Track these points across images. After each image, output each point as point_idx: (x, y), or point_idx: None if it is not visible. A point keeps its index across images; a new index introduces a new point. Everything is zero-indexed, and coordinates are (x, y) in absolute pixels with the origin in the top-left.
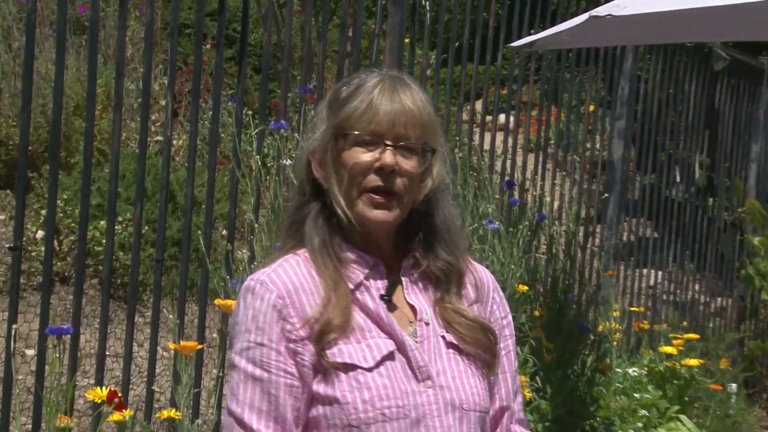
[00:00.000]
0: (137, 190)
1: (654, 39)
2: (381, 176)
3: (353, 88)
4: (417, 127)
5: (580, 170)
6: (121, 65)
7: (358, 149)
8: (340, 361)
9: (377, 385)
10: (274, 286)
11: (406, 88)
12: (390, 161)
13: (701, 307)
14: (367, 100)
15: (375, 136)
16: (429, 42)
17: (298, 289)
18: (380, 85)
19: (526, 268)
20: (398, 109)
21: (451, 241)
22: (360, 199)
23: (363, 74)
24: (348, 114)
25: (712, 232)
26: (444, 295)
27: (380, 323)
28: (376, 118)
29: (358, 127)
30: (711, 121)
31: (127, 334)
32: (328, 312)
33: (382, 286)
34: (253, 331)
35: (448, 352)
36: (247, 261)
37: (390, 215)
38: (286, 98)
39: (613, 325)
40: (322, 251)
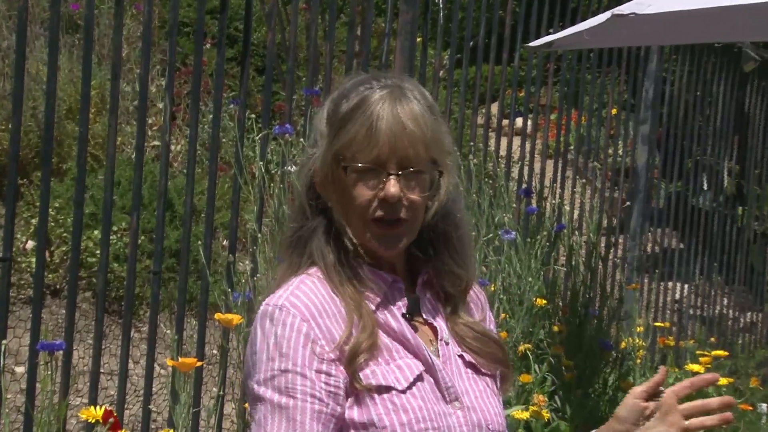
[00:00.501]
0: (134, 198)
1: (680, 38)
2: (385, 208)
3: (353, 104)
4: (421, 147)
5: (602, 177)
6: (117, 66)
7: (361, 180)
8: (374, 383)
9: (413, 407)
10: (295, 310)
11: (405, 103)
12: (394, 192)
13: (730, 322)
14: (366, 124)
15: (377, 164)
16: (442, 42)
17: (321, 312)
18: (380, 104)
19: (545, 280)
20: (399, 130)
21: (462, 252)
22: (366, 230)
23: (362, 86)
24: (348, 141)
25: (742, 243)
26: (454, 310)
27: (406, 344)
28: (377, 145)
29: (359, 156)
30: (740, 125)
31: (122, 351)
32: (355, 333)
33: (402, 304)
34: (276, 358)
35: (467, 372)
36: (250, 273)
37: (398, 246)
38: (291, 101)
39: (636, 342)
40: (338, 270)
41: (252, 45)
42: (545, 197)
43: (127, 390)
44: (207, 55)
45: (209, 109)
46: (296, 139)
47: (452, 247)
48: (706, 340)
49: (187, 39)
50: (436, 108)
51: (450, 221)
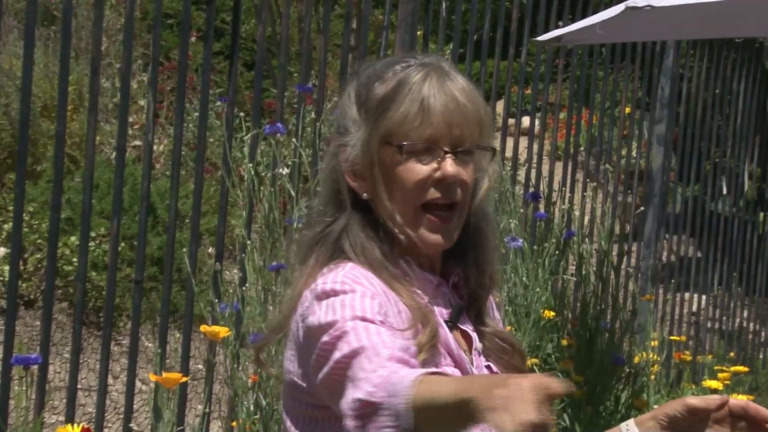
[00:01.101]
0: (114, 202)
1: (698, 33)
2: (441, 188)
3: (394, 84)
4: (475, 126)
5: (614, 181)
6: (97, 60)
7: (414, 161)
8: None
9: None
10: (360, 285)
11: (454, 79)
12: (453, 171)
13: (750, 336)
14: (418, 100)
15: (431, 142)
16: (444, 35)
17: (384, 296)
18: (428, 81)
19: (553, 291)
20: (454, 107)
21: (492, 246)
22: (420, 219)
23: (397, 65)
24: (399, 119)
25: (763, 251)
26: (479, 314)
27: (449, 352)
28: (432, 122)
29: (412, 134)
30: (762, 125)
31: (101, 365)
32: (422, 331)
33: (445, 309)
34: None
35: None
36: (238, 283)
37: (450, 238)
38: (283, 98)
39: (650, 356)
40: (386, 266)
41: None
42: (554, 202)
43: (107, 407)
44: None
45: (195, 107)
46: (287, 139)
47: (485, 242)
48: (725, 355)
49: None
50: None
51: (482, 214)
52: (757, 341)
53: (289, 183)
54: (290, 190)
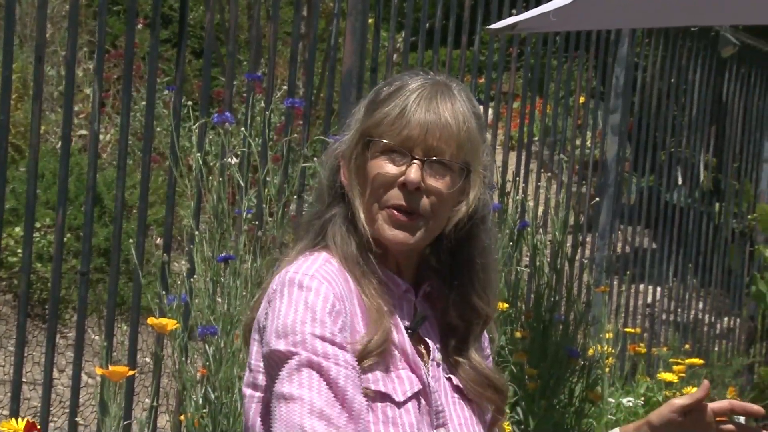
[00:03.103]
0: (59, 192)
1: (654, 21)
2: (404, 194)
3: (392, 90)
4: (453, 143)
5: (569, 171)
6: (41, 47)
7: (385, 160)
8: (374, 388)
9: (404, 423)
10: (328, 284)
11: (448, 98)
12: (414, 177)
13: (705, 328)
14: (400, 106)
15: (404, 147)
16: (396, 23)
17: (347, 297)
18: (419, 91)
19: (507, 283)
20: (433, 120)
21: (485, 282)
22: (380, 214)
23: (408, 76)
24: (378, 119)
25: (719, 243)
26: (460, 345)
27: (405, 357)
28: (408, 127)
29: (387, 134)
30: (718, 115)
31: (46, 358)
32: (371, 335)
33: (408, 316)
34: (308, 322)
35: (454, 396)
36: (186, 274)
37: (411, 238)
38: (232, 87)
39: (605, 349)
40: (359, 263)
41: (189, 26)
42: (507, 192)
43: (52, 401)
44: (139, 37)
45: (142, 96)
46: (236, 129)
47: (475, 275)
48: (680, 347)
49: (118, 18)
50: (483, 120)
51: (476, 244)
52: (713, 333)
53: (238, 173)
54: (239, 180)
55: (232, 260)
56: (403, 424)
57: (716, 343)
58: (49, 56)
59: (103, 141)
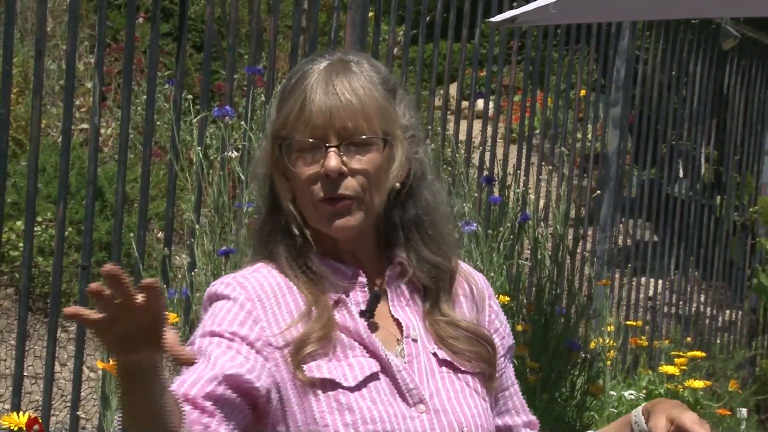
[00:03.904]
0: (60, 186)
1: (654, 14)
2: (327, 184)
3: (293, 83)
4: (360, 119)
5: (570, 164)
6: (42, 41)
7: (302, 158)
8: (318, 376)
9: (360, 407)
10: (242, 289)
11: (344, 76)
12: (333, 165)
13: (707, 320)
14: (300, 99)
15: (314, 138)
16: (396, 16)
17: (271, 298)
18: (315, 77)
19: (508, 276)
20: (334, 103)
21: (436, 236)
22: (316, 212)
23: (308, 64)
24: (283, 119)
25: (720, 235)
26: (434, 305)
27: (362, 342)
28: (311, 119)
29: (295, 131)
30: (719, 107)
31: (48, 352)
32: (308, 324)
33: (363, 300)
34: (208, 324)
35: (441, 371)
36: (187, 268)
37: (350, 221)
38: (232, 80)
39: (606, 342)
40: (296, 264)
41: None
42: (508, 185)
43: (54, 395)
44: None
45: (143, 89)
46: (237, 122)
47: (424, 232)
48: (682, 340)
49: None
50: (394, 81)
51: (419, 203)
52: (714, 326)
53: (238, 167)
54: (240, 173)
55: (233, 254)
56: (359, 408)
57: (718, 336)
58: (50, 50)
59: (104, 135)
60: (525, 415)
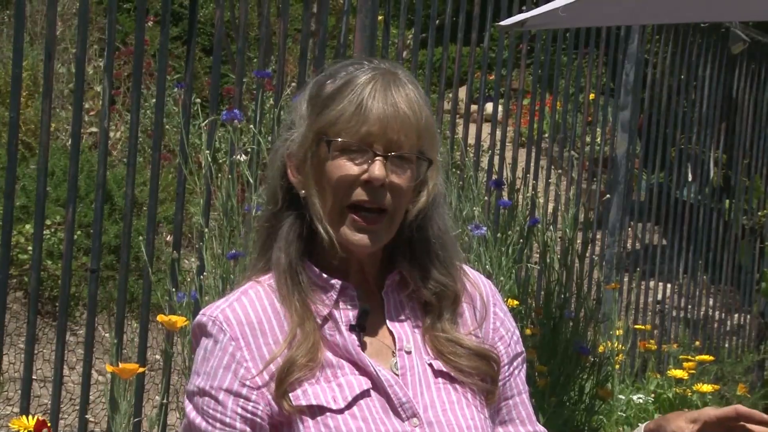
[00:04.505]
0: (69, 190)
1: (663, 17)
2: (368, 191)
3: (340, 84)
4: (413, 134)
5: (579, 168)
6: (51, 45)
7: (344, 159)
8: (305, 404)
9: (350, 429)
10: (228, 326)
11: (401, 86)
12: (379, 174)
13: (716, 324)
14: (356, 101)
15: (364, 143)
16: (405, 20)
17: (256, 330)
18: (372, 83)
19: (517, 279)
20: (392, 112)
21: (445, 259)
22: (344, 218)
23: (351, 66)
24: (334, 117)
25: (729, 239)
26: (436, 322)
27: (351, 360)
28: (367, 123)
29: (345, 132)
30: (728, 111)
31: (56, 356)
32: (292, 350)
33: (353, 314)
34: (200, 374)
35: (437, 382)
36: (196, 271)
37: (376, 240)
38: (241, 84)
39: (615, 346)
40: (288, 277)
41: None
42: (518, 189)
43: (62, 398)
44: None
45: (152, 93)
46: (246, 126)
47: (433, 252)
48: (690, 344)
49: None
50: (429, 103)
51: (433, 222)
52: (723, 330)
53: (247, 170)
54: (248, 177)
55: (242, 257)
56: (349, 430)
57: (726, 340)
58: (59, 54)
59: (113, 138)
60: (531, 425)
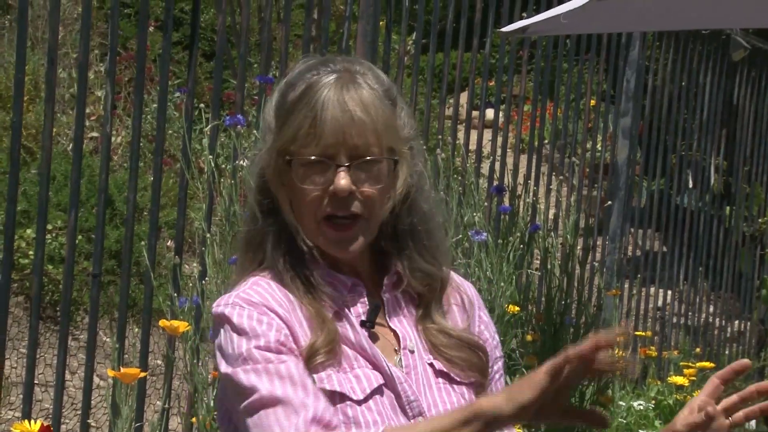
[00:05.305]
0: (71, 194)
1: (664, 24)
2: (336, 202)
3: (299, 93)
4: (371, 136)
5: (579, 174)
6: (54, 50)
7: (309, 174)
8: (329, 388)
9: (367, 421)
10: (250, 306)
11: (355, 88)
12: (344, 185)
13: (716, 331)
14: (310, 115)
15: (325, 156)
16: (407, 26)
17: (277, 309)
18: (326, 91)
19: (518, 286)
20: (347, 120)
21: (431, 245)
22: (319, 232)
23: (308, 73)
24: (292, 134)
25: (729, 246)
26: (426, 312)
27: (364, 354)
28: (324, 136)
29: (305, 150)
30: (729, 118)
31: (58, 360)
32: (314, 335)
33: (363, 310)
34: (244, 343)
35: (438, 382)
36: (198, 276)
37: (353, 248)
38: (243, 89)
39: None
40: (292, 275)
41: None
42: (518, 195)
43: (64, 403)
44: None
45: (153, 98)
46: (248, 131)
47: (420, 242)
48: (691, 351)
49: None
50: (394, 91)
51: (416, 213)
52: (723, 337)
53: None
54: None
55: None
56: (366, 422)
57: (727, 347)
58: (61, 58)
59: (114, 143)
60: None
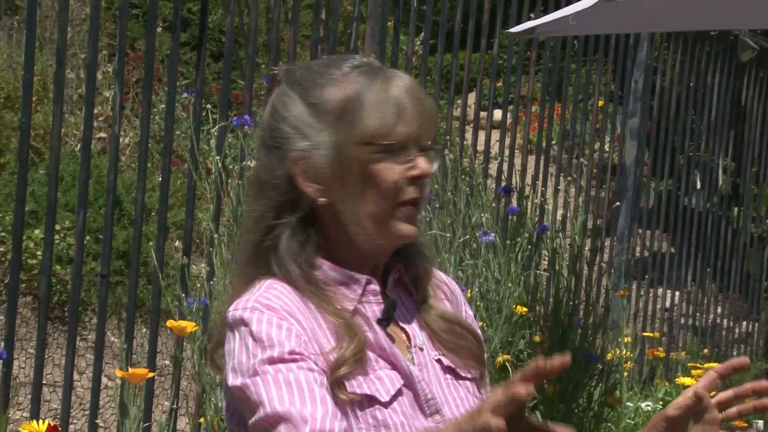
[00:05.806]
0: (79, 195)
1: (672, 25)
2: (417, 185)
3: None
4: (432, 127)
5: (587, 175)
6: (62, 50)
7: (388, 160)
8: (359, 392)
9: (395, 423)
10: (269, 311)
11: (408, 79)
12: (427, 168)
13: (724, 332)
14: (393, 104)
15: (406, 141)
16: (415, 26)
17: (296, 313)
18: (392, 81)
19: (526, 286)
20: (422, 110)
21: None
22: (395, 214)
23: (342, 65)
24: (376, 121)
25: (737, 247)
26: (424, 298)
27: (383, 354)
28: (407, 124)
29: (390, 135)
30: (737, 119)
31: (66, 360)
32: (345, 343)
33: (378, 309)
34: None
35: (446, 378)
36: (206, 277)
37: (417, 228)
38: (251, 90)
39: (623, 353)
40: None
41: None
42: (526, 196)
43: (72, 403)
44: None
45: (161, 99)
46: (256, 131)
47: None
48: (699, 352)
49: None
50: None
51: None
52: (731, 338)
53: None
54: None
55: None
56: (395, 425)
57: (734, 348)
58: (69, 59)
59: (122, 144)
60: None
